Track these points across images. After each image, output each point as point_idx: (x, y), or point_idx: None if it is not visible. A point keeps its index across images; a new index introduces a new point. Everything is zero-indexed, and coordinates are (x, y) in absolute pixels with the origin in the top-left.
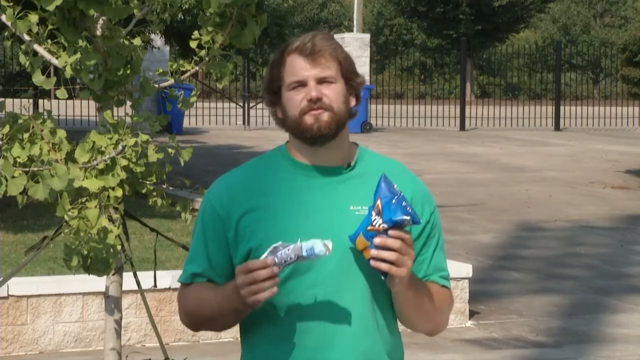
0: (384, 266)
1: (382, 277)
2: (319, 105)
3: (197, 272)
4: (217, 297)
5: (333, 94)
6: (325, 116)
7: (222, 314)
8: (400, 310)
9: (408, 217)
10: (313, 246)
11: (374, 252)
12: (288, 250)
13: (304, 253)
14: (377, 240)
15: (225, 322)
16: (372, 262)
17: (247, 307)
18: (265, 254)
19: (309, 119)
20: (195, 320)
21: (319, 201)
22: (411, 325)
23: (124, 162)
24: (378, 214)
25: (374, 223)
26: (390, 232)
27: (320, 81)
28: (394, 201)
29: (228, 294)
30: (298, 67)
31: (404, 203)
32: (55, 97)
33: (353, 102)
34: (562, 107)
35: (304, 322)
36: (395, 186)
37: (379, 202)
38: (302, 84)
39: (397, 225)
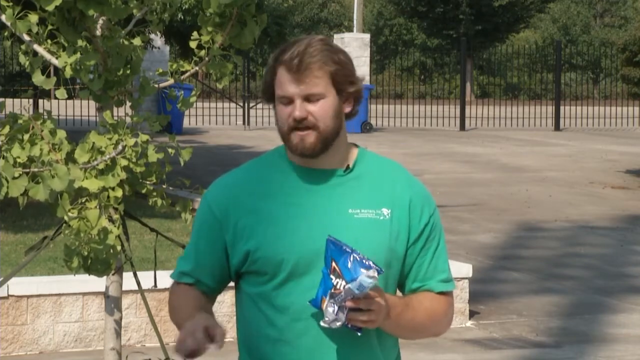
0: (359, 324)
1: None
2: (304, 125)
3: (184, 271)
4: (185, 313)
5: (320, 111)
6: (310, 137)
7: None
8: (388, 333)
9: (370, 270)
10: (361, 283)
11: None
12: (342, 295)
13: (356, 292)
14: (349, 304)
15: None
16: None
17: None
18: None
19: (294, 138)
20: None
21: (317, 204)
22: (405, 339)
23: (124, 162)
24: (338, 276)
25: (337, 286)
26: (348, 303)
27: (307, 98)
28: (350, 259)
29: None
30: (284, 82)
31: (359, 257)
32: (55, 97)
33: (348, 108)
34: (562, 107)
35: (301, 324)
36: (344, 246)
37: (334, 264)
38: (289, 100)
39: (360, 280)
